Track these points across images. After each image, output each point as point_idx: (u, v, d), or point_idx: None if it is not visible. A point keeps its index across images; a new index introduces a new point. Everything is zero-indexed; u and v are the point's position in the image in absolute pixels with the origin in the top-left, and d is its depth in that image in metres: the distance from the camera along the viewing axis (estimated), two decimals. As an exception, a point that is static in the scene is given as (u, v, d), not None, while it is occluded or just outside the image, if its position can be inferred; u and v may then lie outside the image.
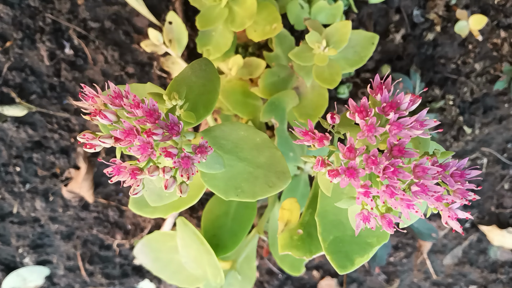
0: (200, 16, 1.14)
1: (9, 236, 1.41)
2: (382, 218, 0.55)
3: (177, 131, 0.59)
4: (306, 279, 1.52)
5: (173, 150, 0.57)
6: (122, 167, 0.58)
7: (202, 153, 0.60)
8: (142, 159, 0.57)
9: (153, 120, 0.57)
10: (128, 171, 0.58)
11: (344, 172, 0.53)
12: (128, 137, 0.56)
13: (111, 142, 0.58)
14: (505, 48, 1.34)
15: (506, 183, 1.46)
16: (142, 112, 0.57)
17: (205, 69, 0.77)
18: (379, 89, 0.55)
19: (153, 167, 0.58)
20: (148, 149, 0.56)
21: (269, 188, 0.77)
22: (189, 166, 0.59)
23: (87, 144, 0.59)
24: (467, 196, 0.54)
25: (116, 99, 0.59)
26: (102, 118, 0.58)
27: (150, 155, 0.57)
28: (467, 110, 1.38)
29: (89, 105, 0.60)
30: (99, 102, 0.60)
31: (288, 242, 0.96)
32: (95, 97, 0.60)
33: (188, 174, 0.59)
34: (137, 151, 0.56)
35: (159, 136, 0.57)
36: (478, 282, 1.55)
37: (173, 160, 0.58)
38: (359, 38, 1.10)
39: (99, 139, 0.58)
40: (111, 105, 0.59)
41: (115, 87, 0.59)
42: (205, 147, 0.60)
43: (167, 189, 0.59)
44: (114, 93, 0.59)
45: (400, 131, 0.53)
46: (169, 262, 1.24)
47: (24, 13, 1.28)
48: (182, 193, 0.62)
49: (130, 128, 0.57)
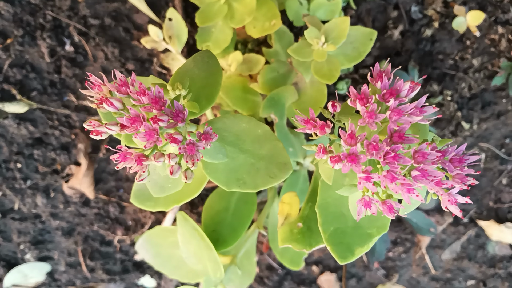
0: (200, 13, 1.15)
1: (10, 232, 1.41)
2: (383, 204, 0.56)
3: (182, 118, 0.59)
4: (306, 274, 1.52)
5: (178, 136, 0.58)
6: (128, 153, 0.59)
7: (207, 140, 0.60)
8: (148, 146, 0.57)
9: (158, 107, 0.58)
10: (134, 157, 0.58)
11: (345, 158, 0.53)
12: (134, 124, 0.57)
13: (117, 129, 0.58)
14: (503, 44, 1.35)
15: (504, 178, 1.47)
16: (148, 100, 0.57)
17: (208, 62, 0.78)
18: (379, 77, 0.56)
19: (159, 153, 0.59)
20: (154, 135, 0.57)
21: (271, 179, 0.78)
22: (194, 152, 0.59)
23: (93, 131, 0.60)
24: (466, 181, 0.55)
25: (122, 87, 0.59)
26: (109, 106, 0.58)
27: (155, 141, 0.57)
28: (465, 106, 1.39)
29: (95, 93, 0.61)
30: (105, 91, 0.60)
31: (288, 236, 0.96)
32: (101, 86, 0.60)
33: (193, 160, 0.59)
34: (143, 137, 0.57)
35: (165, 122, 0.57)
36: (477, 277, 1.55)
37: (178, 146, 0.58)
38: (357, 34, 1.11)
39: (105, 126, 0.58)
40: (117, 93, 0.60)
41: (121, 75, 0.59)
42: (209, 133, 0.61)
43: (172, 175, 0.59)
44: (120, 81, 0.59)
45: (400, 117, 0.53)
46: (170, 257, 1.25)
47: (25, 10, 1.28)
48: (187, 179, 0.62)
49: (136, 115, 0.57)
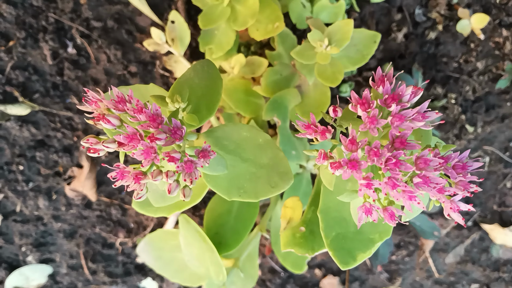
0: (203, 15, 1.14)
1: (12, 234, 1.41)
2: (384, 211, 0.55)
3: (180, 135, 0.59)
4: (308, 278, 1.52)
5: (176, 154, 0.57)
6: (126, 171, 0.58)
7: (205, 158, 0.60)
8: (146, 164, 0.57)
9: (156, 125, 0.57)
10: (131, 176, 0.57)
11: (346, 164, 0.53)
12: (131, 142, 0.56)
13: (114, 146, 0.57)
14: (507, 47, 1.34)
15: (508, 181, 1.46)
16: (146, 117, 0.57)
17: (207, 71, 0.77)
18: (381, 82, 0.55)
19: (157, 171, 0.58)
20: (152, 153, 0.56)
21: (272, 188, 0.77)
22: (192, 171, 0.58)
23: (91, 148, 0.59)
24: (469, 188, 0.54)
25: (119, 103, 0.58)
26: (106, 123, 0.57)
27: (153, 159, 0.57)
28: (469, 109, 1.38)
29: (92, 109, 0.60)
30: (103, 107, 0.59)
31: (290, 240, 0.96)
32: (98, 102, 0.60)
33: (191, 179, 0.58)
34: (140, 155, 0.56)
35: (163, 140, 0.57)
36: (481, 281, 1.54)
37: (176, 164, 0.57)
38: (361, 37, 1.10)
39: (102, 144, 0.58)
40: (114, 109, 0.59)
41: (118, 92, 0.59)
42: (207, 151, 0.60)
43: (170, 194, 0.59)
44: (117, 98, 0.58)
45: (402, 123, 0.53)
46: (171, 260, 1.24)
47: (27, 12, 1.28)
48: (185, 197, 0.61)
49: (134, 133, 0.56)
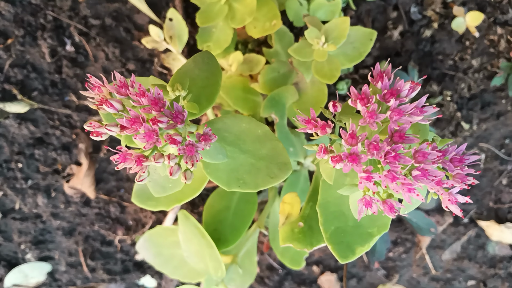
0: (200, 13, 1.15)
1: (11, 232, 1.41)
2: (384, 204, 0.56)
3: (181, 119, 0.60)
4: (306, 274, 1.53)
5: (177, 137, 0.58)
6: (128, 154, 0.59)
7: (206, 141, 0.61)
8: (148, 147, 0.57)
9: (158, 109, 0.58)
10: (134, 158, 0.59)
11: (346, 158, 0.54)
12: (134, 125, 0.57)
13: (117, 130, 0.58)
14: (502, 45, 1.35)
15: (504, 178, 1.47)
16: (148, 101, 0.58)
17: (208, 62, 0.78)
18: (379, 77, 0.56)
19: (158, 154, 0.59)
20: (154, 136, 0.57)
21: (271, 179, 0.78)
22: (193, 153, 0.59)
23: (94, 132, 0.60)
24: (466, 181, 0.55)
25: (122, 88, 0.60)
26: (109, 107, 0.59)
27: (155, 142, 0.58)
28: (465, 106, 1.39)
29: (95, 95, 0.61)
30: (105, 92, 0.61)
31: (289, 235, 0.97)
32: (101, 87, 0.61)
33: (192, 161, 0.60)
34: (142, 138, 0.57)
35: (164, 124, 0.58)
36: (477, 277, 1.56)
37: (178, 147, 0.58)
38: (357, 34, 1.11)
39: (105, 127, 0.59)
40: (117, 94, 0.60)
41: (120, 77, 0.60)
42: (208, 134, 0.61)
43: (172, 176, 0.60)
44: (120, 83, 0.60)
45: (400, 117, 0.54)
46: (171, 257, 1.25)
47: (26, 10, 1.29)
48: (187, 179, 0.62)
49: (136, 116, 0.57)
